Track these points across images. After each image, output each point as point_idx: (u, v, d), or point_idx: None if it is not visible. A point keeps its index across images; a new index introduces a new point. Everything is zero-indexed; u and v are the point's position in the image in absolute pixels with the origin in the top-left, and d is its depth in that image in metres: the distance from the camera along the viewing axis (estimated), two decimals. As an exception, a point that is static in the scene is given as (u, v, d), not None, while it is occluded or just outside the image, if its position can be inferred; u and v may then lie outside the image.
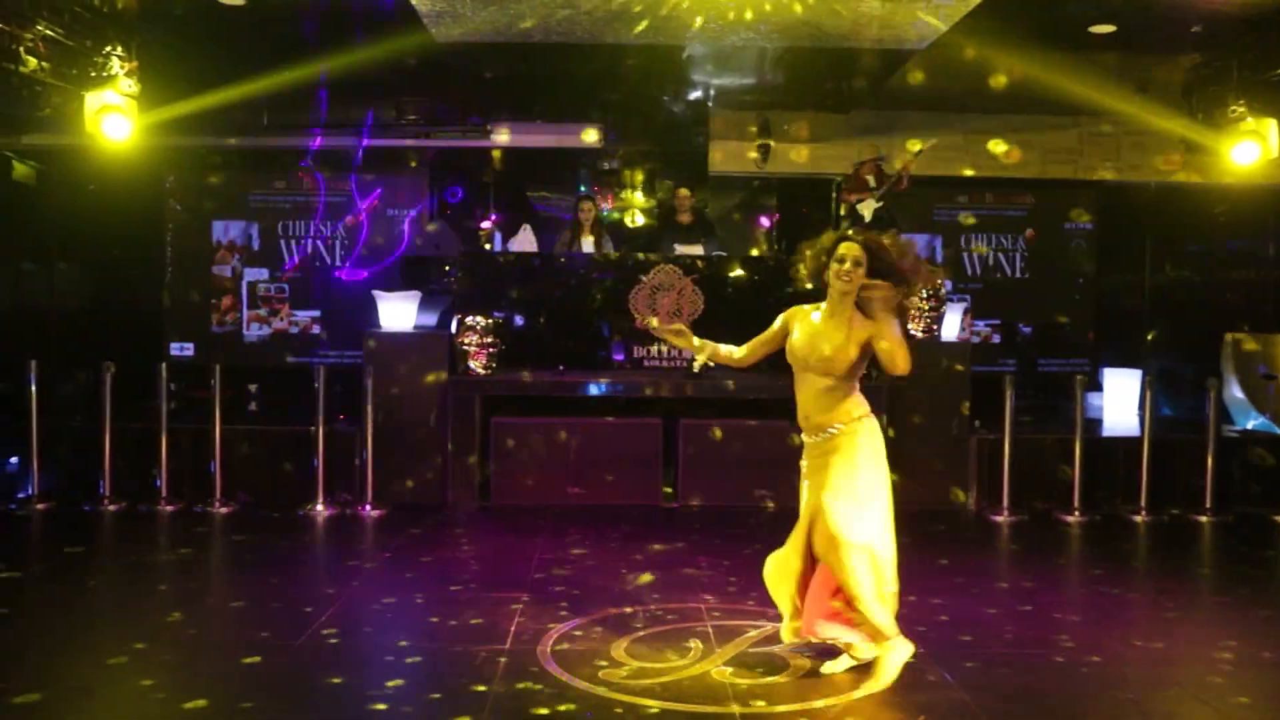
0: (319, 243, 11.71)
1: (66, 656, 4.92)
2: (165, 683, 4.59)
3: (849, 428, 4.66)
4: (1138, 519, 8.53)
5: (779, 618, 5.02)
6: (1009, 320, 12.04)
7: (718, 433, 8.82)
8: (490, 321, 8.94)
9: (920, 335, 9.09)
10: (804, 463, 4.81)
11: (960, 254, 12.05)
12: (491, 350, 8.91)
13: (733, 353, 5.04)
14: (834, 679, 4.68)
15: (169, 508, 8.38)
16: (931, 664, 4.89)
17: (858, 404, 4.72)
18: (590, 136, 11.37)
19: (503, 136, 11.28)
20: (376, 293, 9.36)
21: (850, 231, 4.72)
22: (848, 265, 4.59)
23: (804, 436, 4.79)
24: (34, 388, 8.59)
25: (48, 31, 7.97)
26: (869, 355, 4.66)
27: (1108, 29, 9.21)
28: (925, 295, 9.01)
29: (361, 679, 4.69)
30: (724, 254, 10.43)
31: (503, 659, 4.90)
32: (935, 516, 8.46)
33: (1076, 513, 8.54)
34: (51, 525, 7.97)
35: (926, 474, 8.80)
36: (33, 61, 8.10)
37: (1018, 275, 12.07)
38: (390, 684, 4.60)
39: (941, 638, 5.32)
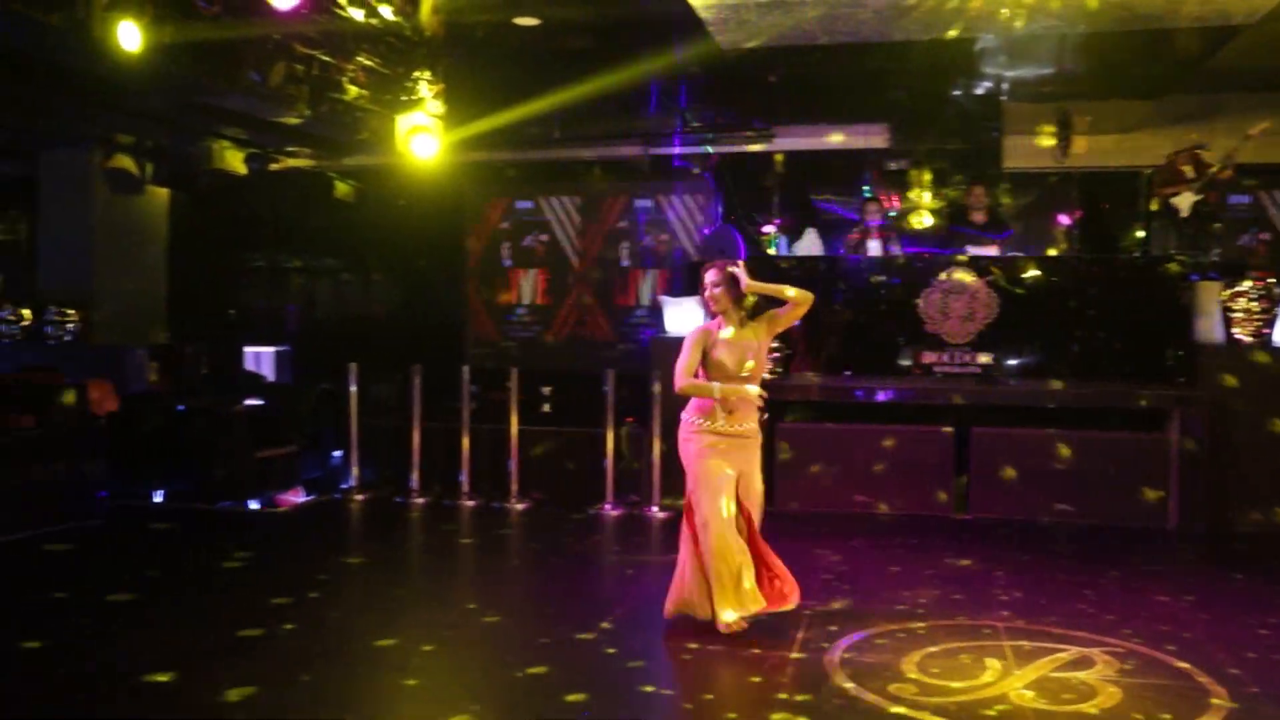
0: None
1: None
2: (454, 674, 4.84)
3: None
4: None
5: (1087, 642, 4.75)
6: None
7: (1064, 449, 8.39)
8: (775, 325, 8.90)
9: (1249, 340, 8.30)
10: (721, 453, 5.33)
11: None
12: (776, 354, 8.87)
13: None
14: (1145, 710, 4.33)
15: (470, 503, 8.87)
16: None
17: None
18: (876, 136, 11.13)
19: (787, 140, 11.23)
20: (662, 297, 9.53)
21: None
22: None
23: (724, 428, 5.34)
24: (354, 388, 9.32)
25: (367, 62, 8.64)
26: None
27: None
28: (1253, 297, 8.22)
29: (647, 676, 4.77)
30: (1020, 254, 9.91)
31: (790, 666, 4.86)
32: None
33: None
34: (370, 515, 8.62)
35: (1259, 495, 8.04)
36: (354, 90, 8.82)
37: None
38: (677, 683, 4.66)
39: None
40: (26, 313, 11.38)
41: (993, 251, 9.65)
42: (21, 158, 11.74)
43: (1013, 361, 9.04)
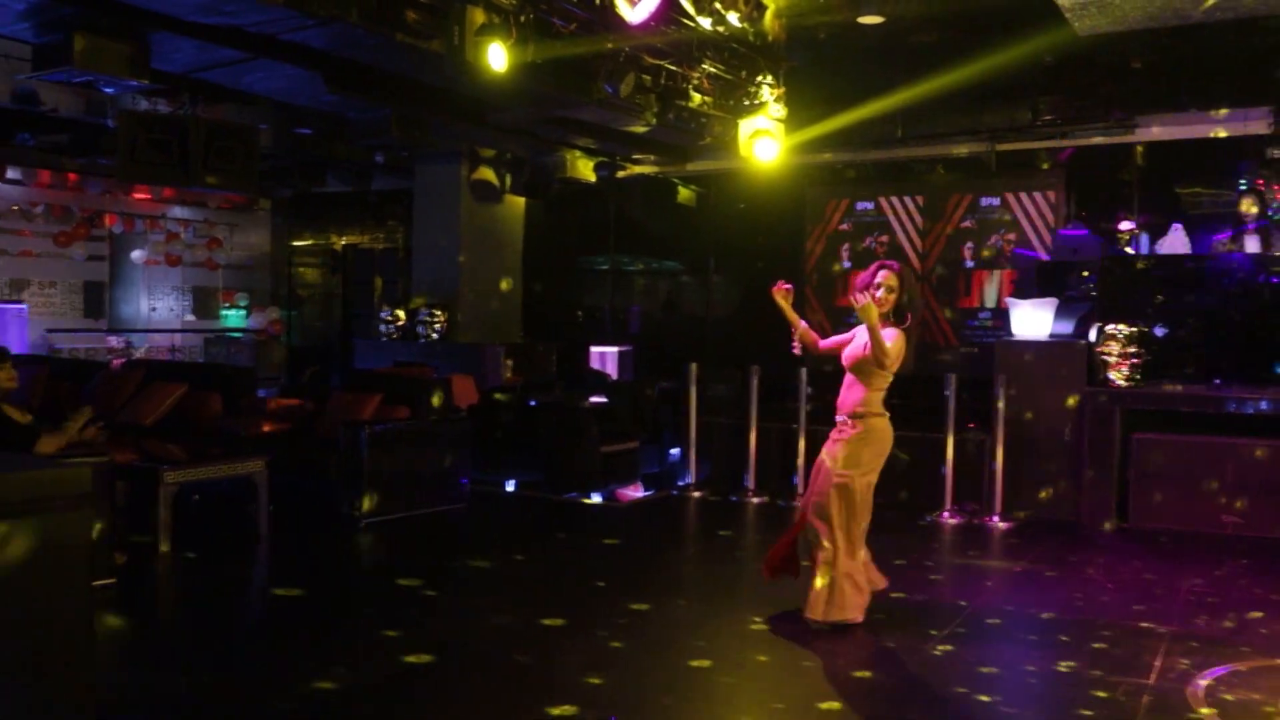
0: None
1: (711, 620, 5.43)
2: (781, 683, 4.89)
3: None
4: None
5: None
6: None
7: None
8: (1134, 330, 8.31)
9: None
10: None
11: None
12: (1134, 361, 8.28)
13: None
14: None
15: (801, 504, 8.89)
16: None
17: None
18: (1256, 122, 10.11)
19: (1152, 130, 10.44)
20: (1010, 300, 9.14)
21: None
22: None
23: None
24: (693, 388, 9.59)
25: (711, 69, 8.87)
26: None
27: None
28: None
29: (994, 693, 4.61)
30: None
31: (1146, 695, 4.53)
32: None
33: None
34: (706, 511, 8.84)
35: None
36: (698, 97, 9.09)
37: None
38: (1020, 704, 4.48)
39: None
40: (401, 313, 12.61)
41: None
42: (400, 172, 13.04)
43: None
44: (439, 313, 12.22)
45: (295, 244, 17.06)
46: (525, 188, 12.58)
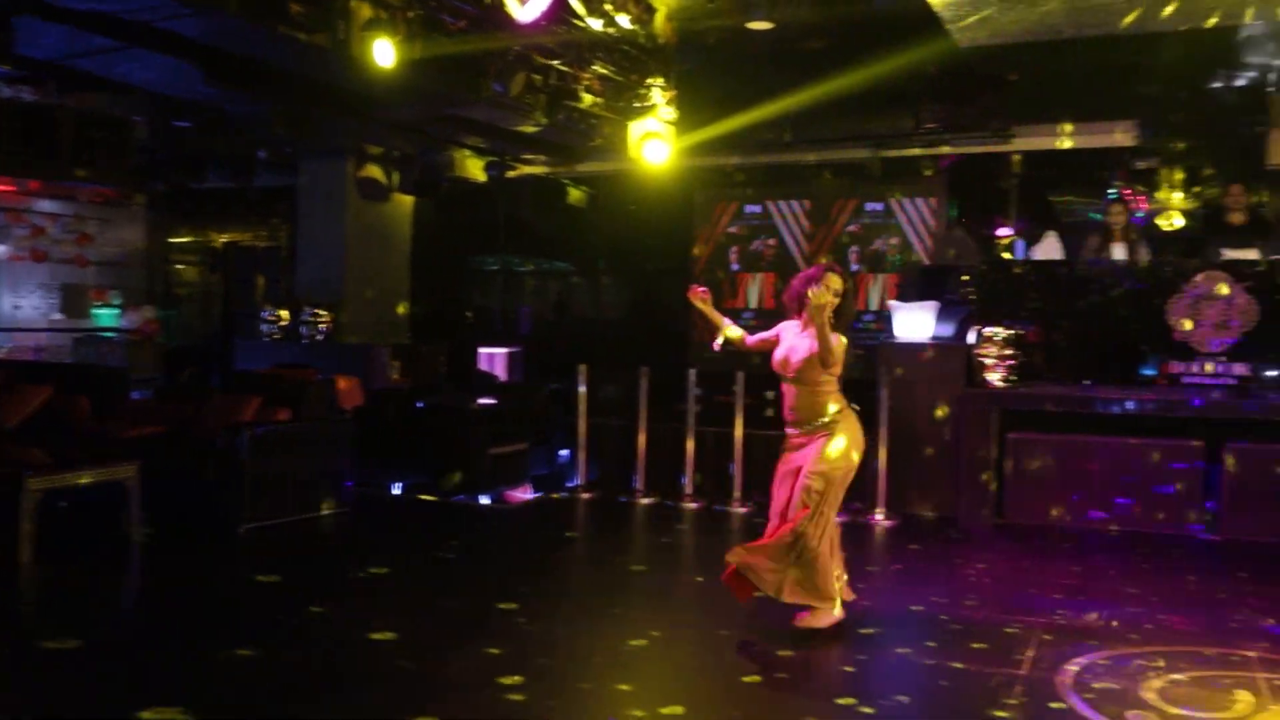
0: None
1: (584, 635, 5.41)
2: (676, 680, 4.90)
3: None
4: None
5: None
6: None
7: None
8: (1010, 333, 8.58)
9: None
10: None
11: None
12: (1011, 363, 8.55)
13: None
14: None
15: (692, 504, 8.95)
16: None
17: None
18: (1124, 133, 10.55)
19: (1026, 139, 10.80)
20: (892, 303, 9.35)
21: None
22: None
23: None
24: (582, 389, 9.57)
25: (602, 70, 8.89)
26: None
27: None
28: None
29: (869, 690, 4.69)
30: (1285, 258, 9.17)
31: (1018, 685, 4.66)
32: None
33: None
34: (595, 512, 8.82)
35: None
36: (589, 98, 9.10)
37: None
38: (898, 696, 4.57)
39: None
40: (284, 313, 12.30)
41: (1253, 255, 8.97)
42: (284, 168, 12.73)
43: (1273, 373, 8.39)
44: (324, 313, 11.96)
45: (172, 241, 16.50)
46: (414, 186, 12.40)
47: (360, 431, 8.77)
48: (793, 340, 5.42)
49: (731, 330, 5.72)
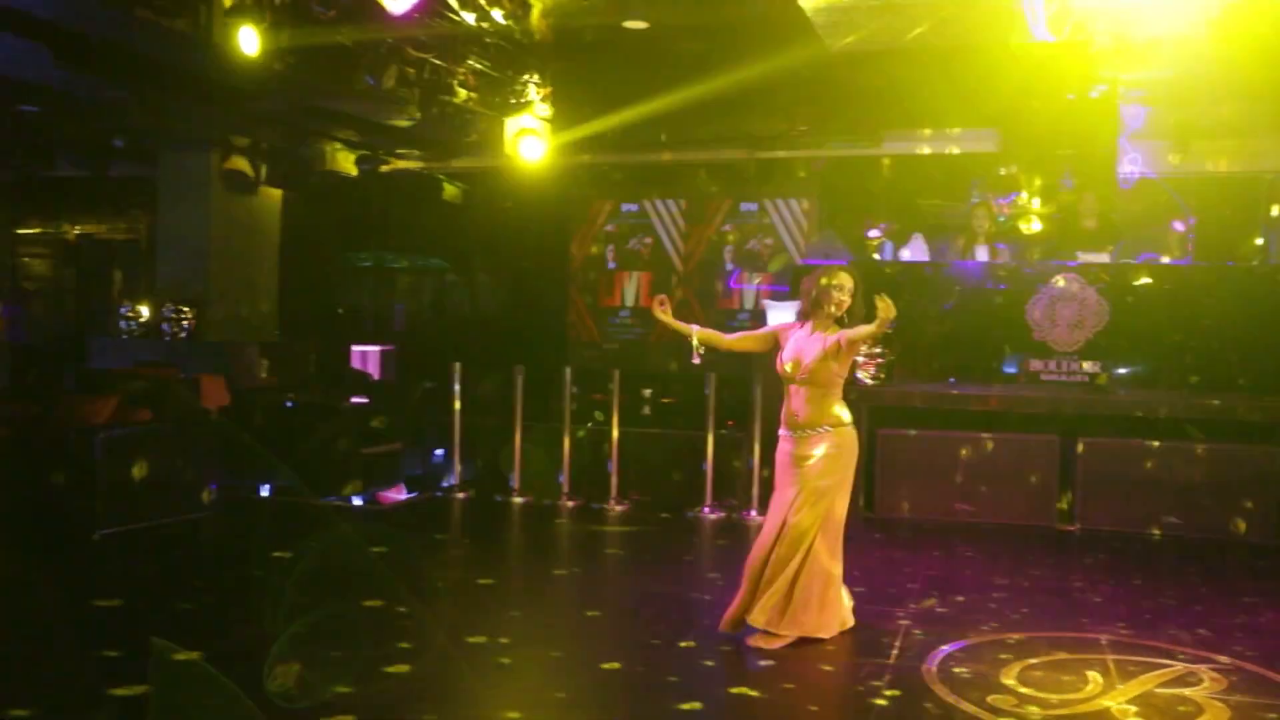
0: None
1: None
2: (529, 672, 4.88)
3: None
4: None
5: (1193, 658, 4.86)
6: None
7: (1175, 461, 8.09)
8: (879, 332, 8.78)
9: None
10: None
11: None
12: (880, 361, 8.75)
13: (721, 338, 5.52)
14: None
15: (569, 503, 8.92)
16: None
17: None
18: (986, 141, 10.91)
19: (895, 145, 11.08)
20: (766, 301, 9.48)
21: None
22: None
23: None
24: (457, 387, 9.45)
25: (476, 65, 8.77)
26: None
27: None
28: None
29: (744, 680, 4.74)
30: (1133, 261, 9.62)
31: (887, 674, 4.78)
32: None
33: None
34: (470, 512, 8.72)
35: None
36: (463, 93, 8.96)
37: None
38: (785, 685, 4.63)
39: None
40: (144, 309, 11.83)
41: (1104, 258, 9.39)
42: (143, 158, 12.22)
43: (1123, 370, 8.80)
44: (187, 309, 11.53)
45: (20, 232, 15.69)
46: (282, 179, 12.05)
47: (227, 432, 8.50)
48: (801, 342, 5.24)
49: (702, 333, 5.45)
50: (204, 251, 11.66)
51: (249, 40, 6.67)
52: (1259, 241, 10.86)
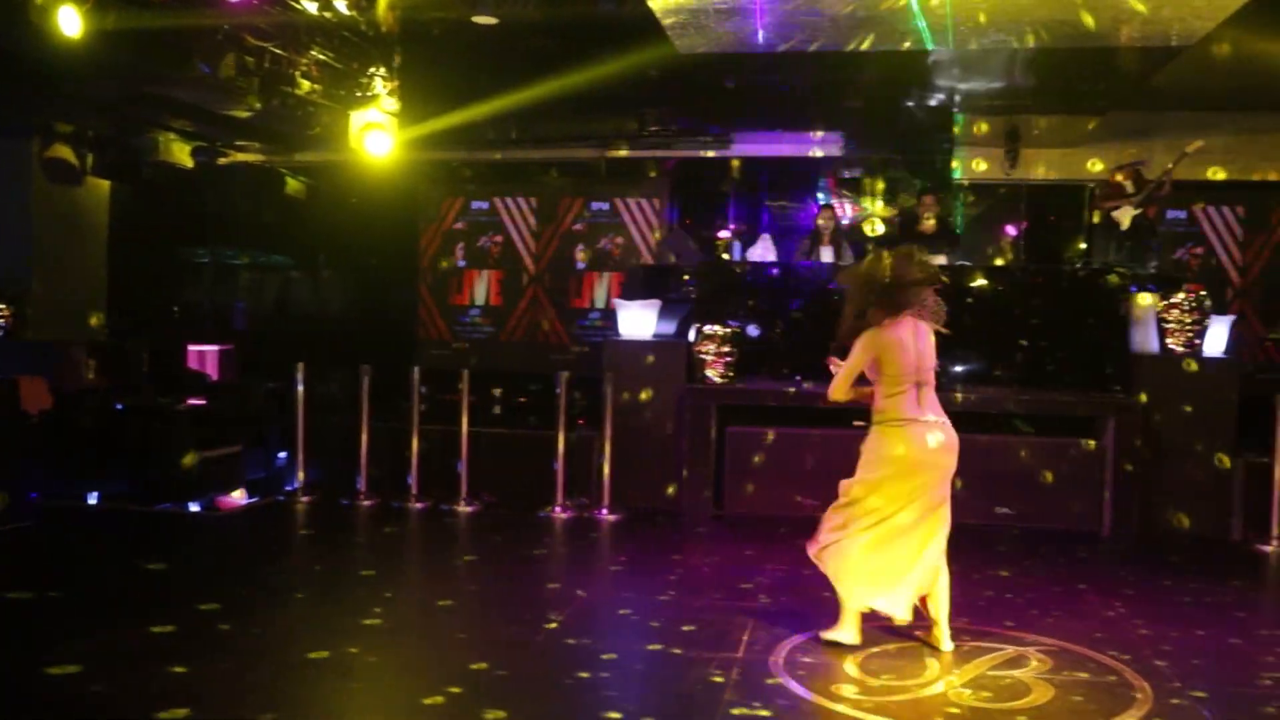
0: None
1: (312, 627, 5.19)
2: (400, 677, 4.77)
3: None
4: None
5: (1023, 641, 5.20)
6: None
7: (1006, 454, 8.41)
8: (728, 331, 8.89)
9: (1181, 349, 8.43)
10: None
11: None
12: (728, 359, 8.86)
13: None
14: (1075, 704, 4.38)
15: (418, 505, 8.75)
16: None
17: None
18: (831, 145, 11.19)
19: (743, 146, 11.26)
20: (617, 301, 9.49)
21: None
22: None
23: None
24: (301, 388, 9.16)
25: (320, 56, 8.53)
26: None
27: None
28: (1186, 308, 8.37)
29: (596, 681, 4.72)
30: (968, 264, 10.02)
31: (735, 668, 4.83)
32: (1202, 546, 7.84)
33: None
34: (314, 515, 8.46)
35: (1188, 500, 8.18)
36: (306, 85, 8.71)
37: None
38: (623, 686, 4.62)
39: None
40: (-44, 307, 11.09)
41: (941, 260, 9.72)
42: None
43: (958, 368, 9.12)
44: (4, 307, 10.86)
45: None
46: (110, 170, 11.47)
47: (48, 437, 8.04)
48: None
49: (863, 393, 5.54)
50: (24, 245, 11.01)
51: (70, 20, 6.32)
52: (1082, 246, 11.47)
